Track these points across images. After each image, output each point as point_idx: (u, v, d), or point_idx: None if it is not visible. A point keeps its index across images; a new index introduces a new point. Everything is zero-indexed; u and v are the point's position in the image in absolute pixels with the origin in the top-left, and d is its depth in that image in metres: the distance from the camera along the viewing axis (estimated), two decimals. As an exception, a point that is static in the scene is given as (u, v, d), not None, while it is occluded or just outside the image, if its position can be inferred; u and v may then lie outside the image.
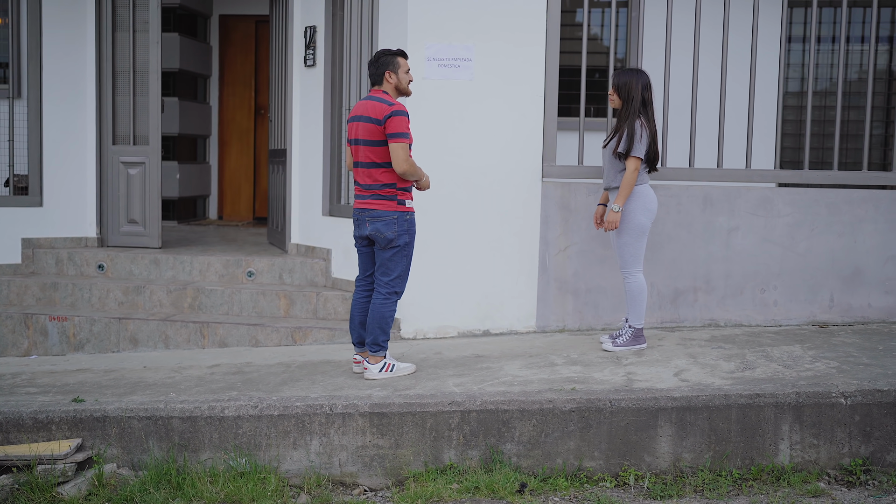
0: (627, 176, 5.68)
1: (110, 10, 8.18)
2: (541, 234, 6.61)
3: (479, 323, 6.65)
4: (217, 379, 5.61)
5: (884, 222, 6.59)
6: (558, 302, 6.63)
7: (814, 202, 6.59)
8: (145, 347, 7.03)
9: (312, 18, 7.74)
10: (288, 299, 7.22)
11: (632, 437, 4.84)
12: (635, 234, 5.79)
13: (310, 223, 7.85)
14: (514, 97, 6.55)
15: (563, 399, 4.88)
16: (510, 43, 6.52)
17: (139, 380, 5.67)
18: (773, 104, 7.10)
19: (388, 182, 5.33)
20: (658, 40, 7.22)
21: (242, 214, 11.47)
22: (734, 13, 7.03)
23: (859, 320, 6.63)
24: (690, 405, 4.83)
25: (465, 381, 5.29)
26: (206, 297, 7.34)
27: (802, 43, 9.03)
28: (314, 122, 7.71)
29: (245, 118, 11.42)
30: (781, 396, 4.83)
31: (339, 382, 5.39)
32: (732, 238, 6.60)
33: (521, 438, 4.86)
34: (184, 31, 10.65)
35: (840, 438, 4.81)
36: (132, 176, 8.21)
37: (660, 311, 6.64)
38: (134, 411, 4.97)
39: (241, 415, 4.94)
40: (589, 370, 5.47)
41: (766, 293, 6.61)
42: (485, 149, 6.57)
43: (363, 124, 5.33)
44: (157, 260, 7.80)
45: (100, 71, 8.20)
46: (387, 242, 5.34)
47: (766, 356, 5.66)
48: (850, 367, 5.30)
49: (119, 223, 8.28)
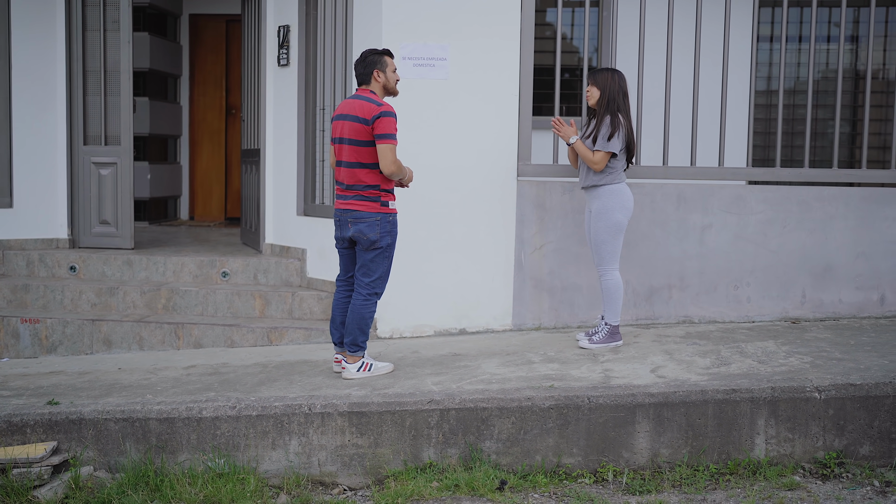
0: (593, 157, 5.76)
1: (80, 9, 8.10)
2: (516, 232, 6.62)
3: (455, 322, 6.66)
4: (193, 380, 5.57)
5: (854, 219, 6.67)
6: (534, 300, 6.66)
7: (785, 199, 6.65)
8: (119, 349, 6.97)
9: (286, 18, 7.71)
10: (263, 299, 7.19)
11: (610, 433, 4.86)
12: (612, 232, 5.83)
13: (284, 223, 7.82)
14: (489, 96, 6.56)
15: (542, 396, 4.89)
16: (485, 42, 6.53)
17: (114, 381, 5.61)
18: (745, 103, 7.17)
19: (371, 183, 5.29)
20: (630, 40, 7.27)
21: (214, 215, 11.40)
22: (706, 13, 7.09)
23: (831, 316, 6.71)
24: (667, 401, 4.86)
25: (443, 380, 5.29)
26: (180, 297, 7.29)
27: (770, 42, 9.11)
28: (288, 122, 7.68)
29: (216, 118, 11.35)
30: (757, 391, 4.88)
31: (318, 382, 5.37)
32: (706, 235, 6.66)
33: (501, 436, 4.87)
34: (154, 30, 10.57)
35: (814, 432, 4.86)
36: (104, 176, 8.14)
37: (635, 308, 6.68)
38: (110, 413, 4.92)
39: (220, 415, 4.90)
40: (566, 367, 5.49)
41: (739, 290, 6.68)
42: (460, 148, 6.58)
43: (349, 123, 5.27)
44: (130, 261, 7.73)
45: (70, 70, 8.13)
46: (370, 244, 5.31)
47: (740, 352, 5.71)
48: (823, 362, 5.37)
49: (91, 224, 8.20)
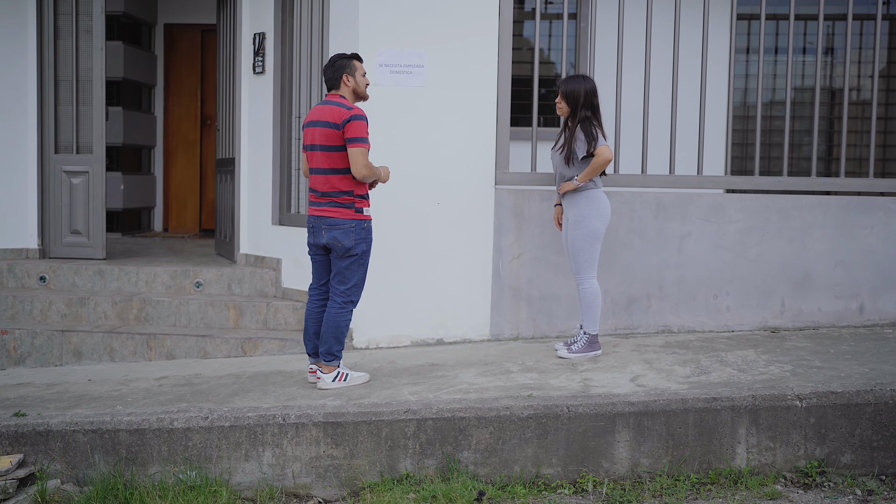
0: (599, 160, 5.68)
1: (52, 17, 7.98)
2: (494, 241, 6.57)
3: (432, 332, 6.59)
4: (165, 391, 5.49)
5: (832, 227, 6.66)
6: (512, 310, 6.59)
7: (764, 208, 6.64)
8: (90, 361, 6.84)
9: (261, 25, 7.63)
10: (237, 310, 7.09)
11: (589, 443, 4.80)
12: (590, 239, 5.78)
13: (259, 233, 7.72)
14: (467, 104, 6.52)
15: (520, 406, 4.83)
16: (463, 50, 6.48)
17: (84, 393, 5.53)
18: (723, 112, 7.17)
19: (346, 189, 5.25)
20: (610, 51, 7.26)
21: (188, 226, 11.28)
22: (684, 24, 7.08)
23: (810, 325, 6.68)
24: (648, 410, 4.80)
25: (420, 390, 5.22)
26: (152, 308, 7.17)
27: (747, 54, 9.14)
28: (263, 131, 7.60)
29: (191, 129, 11.24)
30: (738, 400, 4.83)
31: (292, 392, 5.30)
32: (685, 244, 6.62)
33: (479, 446, 4.80)
34: (128, 39, 10.46)
35: (796, 441, 4.82)
36: (75, 185, 8.00)
37: (614, 317, 6.63)
38: (79, 425, 4.84)
39: (191, 426, 4.82)
40: (545, 377, 5.43)
41: (718, 299, 6.64)
42: (437, 156, 6.52)
43: (320, 129, 5.23)
44: (101, 271, 7.60)
45: (41, 78, 8.00)
46: (344, 251, 5.26)
47: (720, 361, 5.67)
48: (803, 371, 5.33)
49: (62, 234, 8.06)
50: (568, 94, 5.80)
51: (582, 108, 5.77)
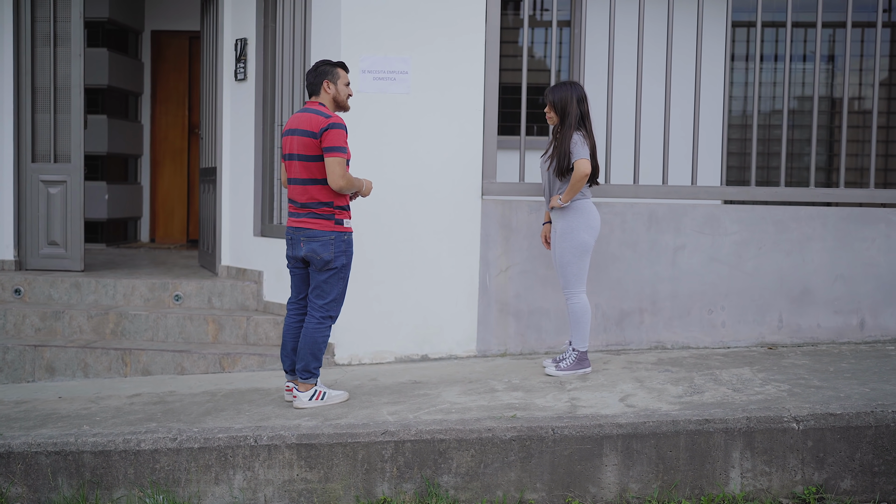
0: (576, 175, 5.47)
1: (29, 23, 7.77)
2: (481, 254, 6.36)
3: (417, 348, 6.37)
4: (136, 409, 5.31)
5: (832, 240, 6.45)
6: (499, 325, 6.38)
7: (761, 220, 6.44)
8: (63, 377, 6.62)
9: (243, 31, 7.44)
10: (217, 324, 6.87)
11: (576, 466, 4.59)
12: (578, 252, 5.57)
13: (241, 244, 7.51)
14: (453, 111, 6.32)
15: (504, 427, 4.63)
16: (448, 56, 6.29)
17: (52, 411, 5.34)
18: (719, 121, 6.97)
19: (325, 200, 5.07)
20: (600, 58, 7.08)
21: (176, 237, 11.07)
22: (677, 31, 6.89)
23: (809, 341, 6.48)
24: (637, 432, 4.60)
25: (400, 409, 5.02)
26: (129, 322, 6.95)
27: (746, 61, 8.97)
28: (245, 139, 7.40)
29: (179, 137, 11.04)
30: (731, 422, 4.62)
31: (267, 412, 5.12)
32: (679, 257, 6.42)
33: (459, 470, 4.60)
34: (113, 46, 10.26)
35: (793, 465, 4.60)
36: (53, 195, 7.79)
37: (605, 333, 6.42)
38: (42, 446, 4.69)
39: (159, 448, 4.67)
40: (531, 396, 5.22)
41: (713, 314, 6.43)
42: (422, 165, 6.32)
43: (298, 138, 5.06)
44: (78, 283, 7.38)
45: (18, 86, 7.78)
46: (323, 264, 5.07)
47: (714, 379, 5.46)
48: (801, 390, 5.11)
49: (39, 245, 7.84)
50: (556, 102, 5.60)
51: (570, 116, 5.57)
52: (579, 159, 5.47)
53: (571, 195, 5.54)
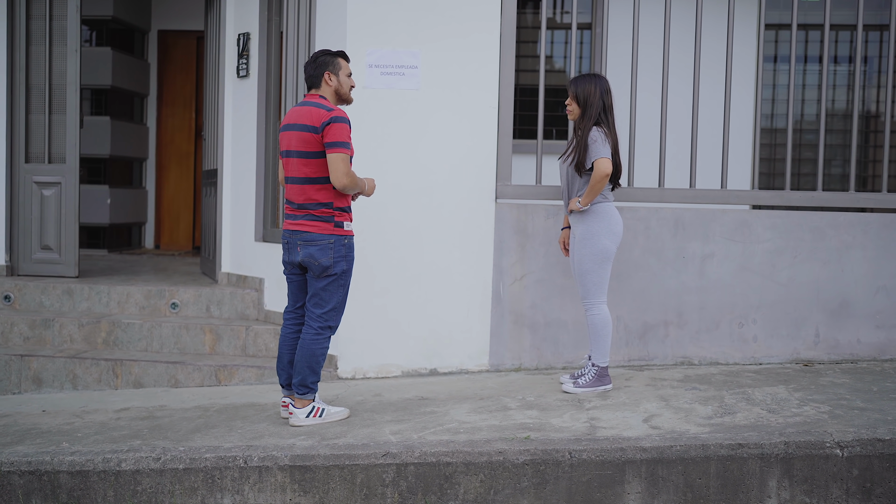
0: (596, 175, 5.11)
1: (24, 20, 7.47)
2: (494, 261, 6.00)
3: (425, 361, 6.00)
4: (122, 425, 5.01)
5: (873, 249, 6.05)
6: (514, 337, 6.01)
7: (796, 226, 6.06)
8: (50, 388, 6.29)
9: (246, 25, 7.12)
10: (214, 334, 6.52)
11: (595, 494, 4.26)
12: (598, 259, 5.20)
13: (242, 250, 7.17)
14: (465, 109, 5.98)
15: (516, 450, 4.30)
16: (461, 50, 5.95)
17: (32, 426, 5.05)
18: (749, 123, 6.60)
19: (324, 201, 4.73)
20: (621, 59, 6.76)
21: (181, 243, 10.76)
22: (706, 32, 6.52)
23: (848, 358, 6.07)
24: (663, 457, 4.26)
25: (403, 429, 4.69)
26: (122, 331, 6.61)
27: (774, 62, 8.60)
28: (247, 138, 7.07)
29: (185, 140, 10.74)
30: (767, 447, 4.26)
31: (261, 429, 4.80)
32: (707, 266, 6.03)
33: (467, 496, 4.29)
34: (118, 46, 9.98)
35: (836, 496, 4.23)
36: (46, 197, 7.46)
37: (627, 347, 6.05)
38: (15, 465, 4.43)
39: (141, 468, 4.40)
40: (546, 415, 4.86)
41: (744, 327, 6.04)
42: (432, 166, 5.98)
43: (297, 133, 4.72)
44: (70, 290, 7.05)
45: (11, 85, 7.47)
46: (321, 270, 4.73)
47: (747, 399, 5.06)
48: (843, 412, 4.71)
49: (31, 249, 7.51)
50: (578, 93, 5.24)
51: (593, 108, 5.19)
52: (600, 158, 5.08)
53: (591, 197, 5.15)
